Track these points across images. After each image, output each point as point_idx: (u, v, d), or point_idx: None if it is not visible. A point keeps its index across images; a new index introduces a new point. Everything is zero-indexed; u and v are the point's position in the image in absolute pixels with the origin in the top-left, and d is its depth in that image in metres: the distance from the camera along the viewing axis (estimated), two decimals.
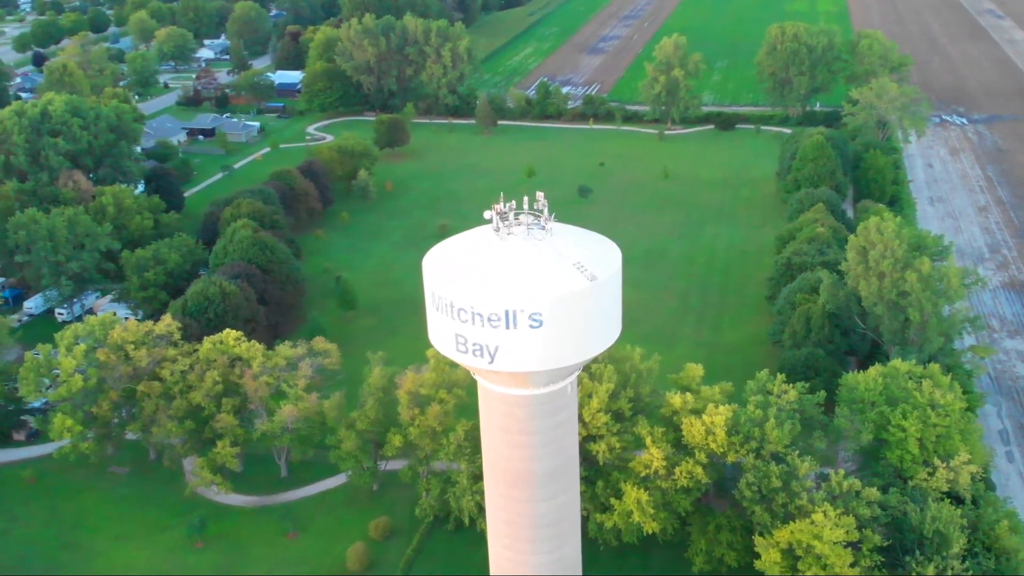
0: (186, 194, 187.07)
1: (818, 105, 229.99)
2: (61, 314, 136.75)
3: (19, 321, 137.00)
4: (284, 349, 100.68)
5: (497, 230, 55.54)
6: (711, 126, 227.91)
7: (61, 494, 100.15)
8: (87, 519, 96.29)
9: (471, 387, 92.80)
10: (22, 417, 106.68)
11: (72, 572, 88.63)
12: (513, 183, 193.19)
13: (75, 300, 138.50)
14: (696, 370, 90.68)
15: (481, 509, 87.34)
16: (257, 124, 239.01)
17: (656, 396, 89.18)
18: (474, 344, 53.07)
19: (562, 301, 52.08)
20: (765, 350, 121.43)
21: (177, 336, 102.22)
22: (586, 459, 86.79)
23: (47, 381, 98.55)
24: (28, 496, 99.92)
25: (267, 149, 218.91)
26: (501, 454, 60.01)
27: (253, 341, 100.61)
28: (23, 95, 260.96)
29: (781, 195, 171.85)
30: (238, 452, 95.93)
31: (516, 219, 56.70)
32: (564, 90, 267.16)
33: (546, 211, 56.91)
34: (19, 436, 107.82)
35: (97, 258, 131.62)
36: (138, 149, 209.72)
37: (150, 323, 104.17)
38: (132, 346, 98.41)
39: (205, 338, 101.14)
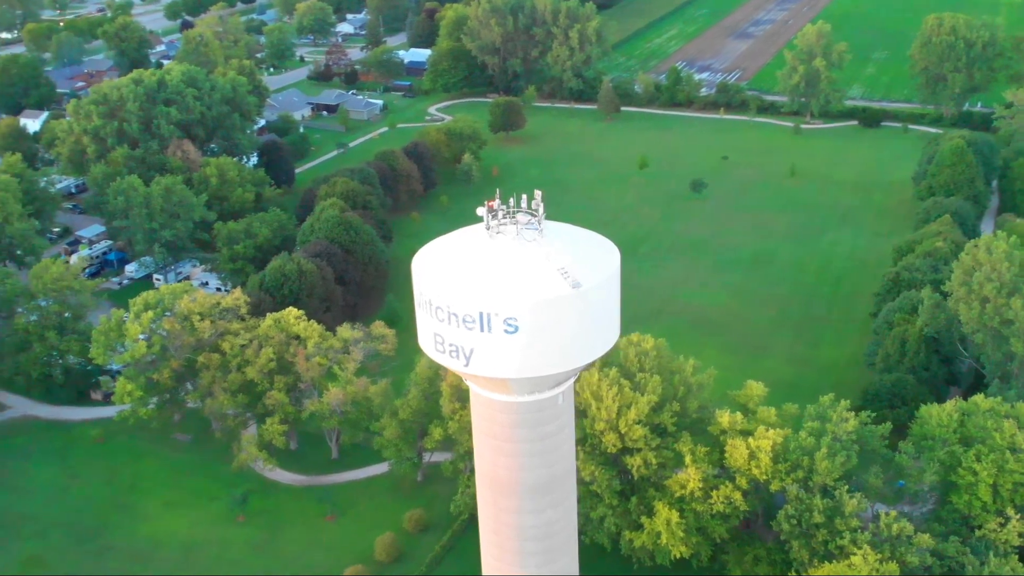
0: (300, 169, 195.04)
1: (979, 105, 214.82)
2: (159, 280, 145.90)
3: (119, 284, 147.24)
4: (343, 331, 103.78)
5: (488, 228, 55.21)
6: (854, 122, 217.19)
7: (123, 456, 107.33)
8: (142, 482, 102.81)
9: None
10: (100, 378, 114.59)
11: (119, 533, 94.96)
12: (624, 173, 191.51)
13: (172, 267, 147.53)
14: (756, 388, 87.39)
15: None
16: (380, 102, 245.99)
17: (705, 412, 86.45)
18: (451, 345, 53.19)
19: (540, 307, 51.34)
20: (860, 372, 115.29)
21: (244, 310, 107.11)
22: (622, 473, 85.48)
23: (119, 345, 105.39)
24: (94, 455, 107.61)
25: (385, 128, 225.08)
26: (488, 460, 59.95)
27: (312, 321, 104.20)
28: (165, 63, 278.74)
29: (915, 202, 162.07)
30: (286, 430, 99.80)
31: (513, 217, 56.08)
32: (702, 76, 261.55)
33: (541, 210, 56.07)
34: (96, 396, 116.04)
35: (191, 228, 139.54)
36: (261, 122, 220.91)
37: (219, 295, 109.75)
38: (198, 317, 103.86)
39: (268, 314, 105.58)
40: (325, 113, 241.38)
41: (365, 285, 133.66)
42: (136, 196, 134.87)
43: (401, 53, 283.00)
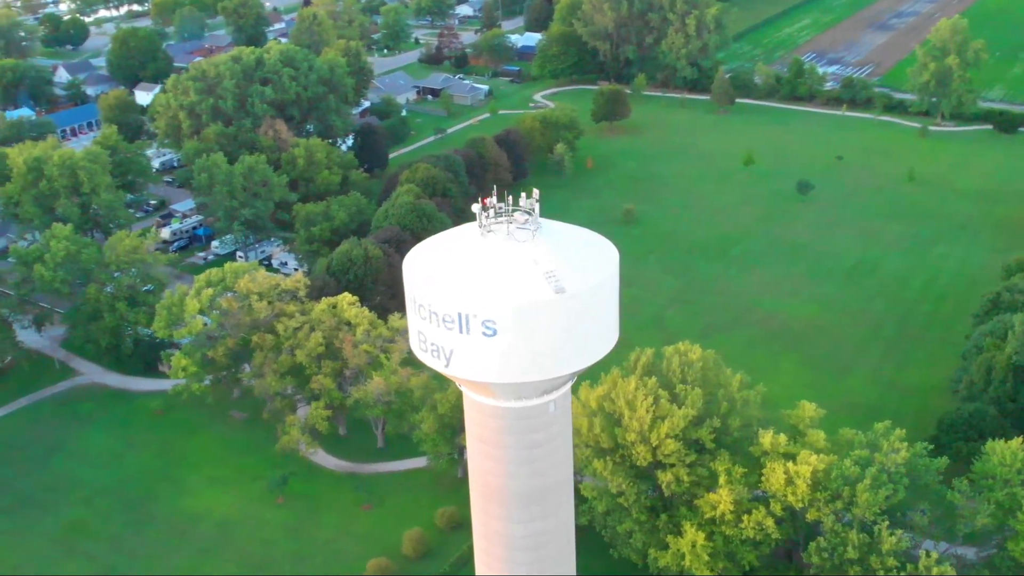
0: (396, 153, 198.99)
1: None
2: (241, 257, 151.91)
3: (204, 259, 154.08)
4: (393, 320, 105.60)
5: (480, 226, 55.13)
6: (989, 126, 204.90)
7: (179, 429, 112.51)
8: (192, 456, 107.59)
9: None
10: (164, 351, 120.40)
11: (162, 504, 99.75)
12: (728, 170, 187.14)
13: (255, 245, 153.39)
14: (808, 409, 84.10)
15: None
16: (486, 87, 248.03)
17: (748, 431, 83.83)
18: (432, 344, 53.48)
19: (520, 311, 50.95)
20: (947, 398, 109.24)
21: (303, 292, 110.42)
22: (654, 488, 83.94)
23: (181, 320, 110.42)
24: (152, 426, 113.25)
25: (486, 115, 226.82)
26: (477, 464, 60.07)
27: (364, 308, 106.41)
28: (283, 40, 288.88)
29: None
30: (330, 415, 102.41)
31: (508, 216, 55.74)
32: (830, 69, 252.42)
33: (537, 210, 55.59)
34: (163, 368, 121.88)
35: (271, 207, 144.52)
36: (365, 104, 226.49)
37: (280, 277, 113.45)
38: (256, 297, 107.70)
39: (323, 299, 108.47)
40: (430, 97, 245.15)
41: None
42: (219, 173, 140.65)
43: (513, 37, 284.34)
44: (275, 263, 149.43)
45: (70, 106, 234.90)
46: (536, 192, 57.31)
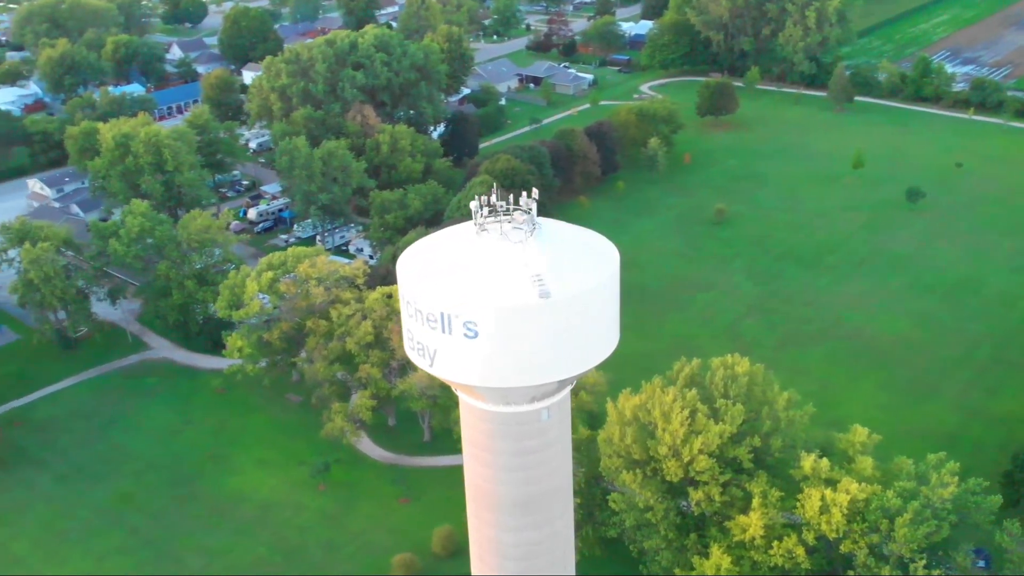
0: (490, 143, 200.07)
1: None
2: (321, 242, 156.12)
3: (286, 242, 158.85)
4: None
5: (476, 224, 55.15)
6: None
7: (236, 409, 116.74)
8: (244, 437, 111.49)
9: (603, 394, 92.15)
10: (230, 331, 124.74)
11: (208, 482, 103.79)
12: (835, 172, 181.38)
13: (335, 230, 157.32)
14: (860, 433, 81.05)
15: (578, 527, 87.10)
16: (590, 77, 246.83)
17: (790, 452, 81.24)
18: (418, 342, 53.86)
19: (501, 314, 50.73)
20: None
21: (361, 280, 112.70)
22: (686, 505, 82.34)
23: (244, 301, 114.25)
24: (211, 404, 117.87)
25: (586, 105, 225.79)
26: (471, 467, 60.12)
27: None
28: (394, 24, 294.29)
29: None
30: (374, 405, 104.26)
31: (509, 215, 55.59)
32: (964, 69, 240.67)
33: (534, 210, 55.21)
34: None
35: (348, 193, 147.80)
36: (466, 91, 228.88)
37: (342, 263, 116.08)
38: (315, 282, 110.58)
39: (378, 287, 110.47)
40: (532, 86, 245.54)
41: None
42: (299, 157, 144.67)
43: (625, 25, 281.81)
44: (351, 249, 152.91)
45: (180, 83, 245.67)
46: (535, 191, 56.96)
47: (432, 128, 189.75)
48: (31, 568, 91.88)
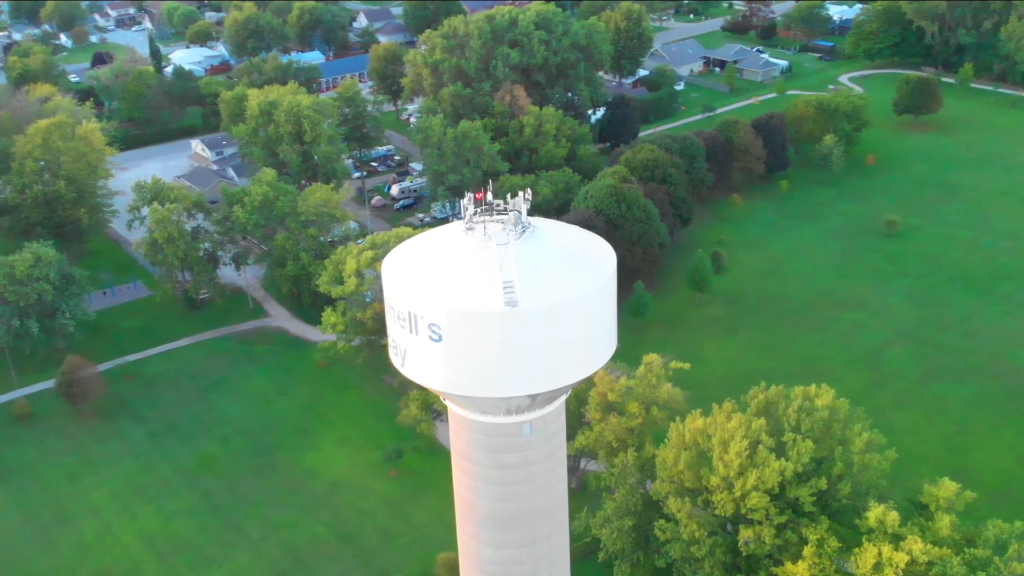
0: (653, 130, 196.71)
1: None
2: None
3: (421, 221, 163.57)
4: None
5: (465, 223, 55.28)
6: None
7: (332, 384, 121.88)
8: (332, 413, 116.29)
9: (682, 412, 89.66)
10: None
11: (286, 455, 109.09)
12: None
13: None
14: (948, 488, 75.00)
15: (624, 550, 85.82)
16: (784, 63, 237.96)
17: (860, 500, 76.20)
18: (393, 340, 54.91)
19: (463, 319, 50.83)
20: None
21: None
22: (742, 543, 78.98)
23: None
24: (310, 377, 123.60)
25: (772, 95, 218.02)
26: (455, 475, 60.67)
27: None
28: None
29: None
30: None
31: (505, 214, 55.39)
32: None
33: (523, 210, 54.69)
34: None
35: (479, 176, 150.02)
36: (643, 72, 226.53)
37: None
38: None
39: None
40: (718, 70, 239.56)
41: (626, 266, 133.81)
42: (432, 137, 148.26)
43: (834, 8, 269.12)
44: None
45: (359, 53, 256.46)
46: (528, 191, 56.27)
47: (591, 111, 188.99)
48: (103, 519, 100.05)
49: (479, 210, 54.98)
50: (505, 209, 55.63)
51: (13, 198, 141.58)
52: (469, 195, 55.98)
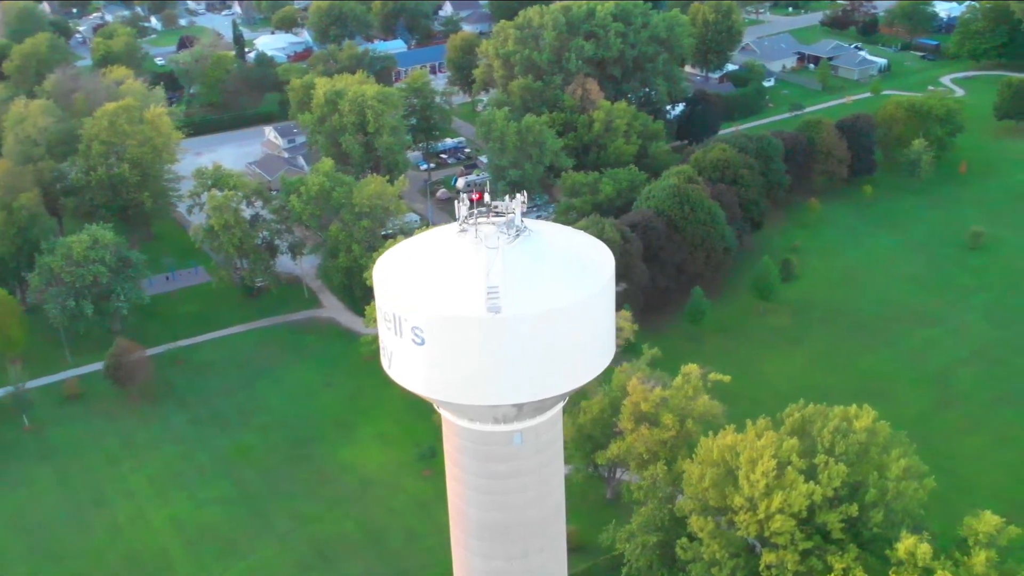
0: (738, 127, 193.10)
1: None
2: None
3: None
4: None
5: (459, 224, 55.10)
6: None
7: (376, 379, 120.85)
8: (374, 408, 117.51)
9: (713, 424, 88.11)
10: None
11: (322, 448, 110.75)
12: None
13: (535, 207, 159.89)
14: (989, 522, 72.01)
15: (648, 567, 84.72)
16: (883, 61, 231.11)
17: (893, 530, 73.56)
18: (382, 342, 55.13)
19: (444, 324, 50.72)
20: None
21: None
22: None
23: None
24: (356, 370, 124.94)
25: (866, 94, 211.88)
26: (448, 481, 60.69)
27: None
28: None
29: None
30: None
31: (501, 216, 55.10)
32: None
33: (517, 213, 54.25)
34: None
35: (540, 172, 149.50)
36: (732, 67, 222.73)
37: None
38: None
39: None
40: (812, 67, 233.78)
41: (688, 270, 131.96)
42: (495, 129, 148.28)
43: (941, 5, 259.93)
44: None
45: (441, 42, 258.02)
46: (523, 194, 55.72)
47: (669, 107, 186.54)
48: (136, 503, 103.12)
49: (474, 211, 54.72)
50: (499, 211, 55.28)
51: (79, 180, 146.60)
52: (463, 194, 55.81)
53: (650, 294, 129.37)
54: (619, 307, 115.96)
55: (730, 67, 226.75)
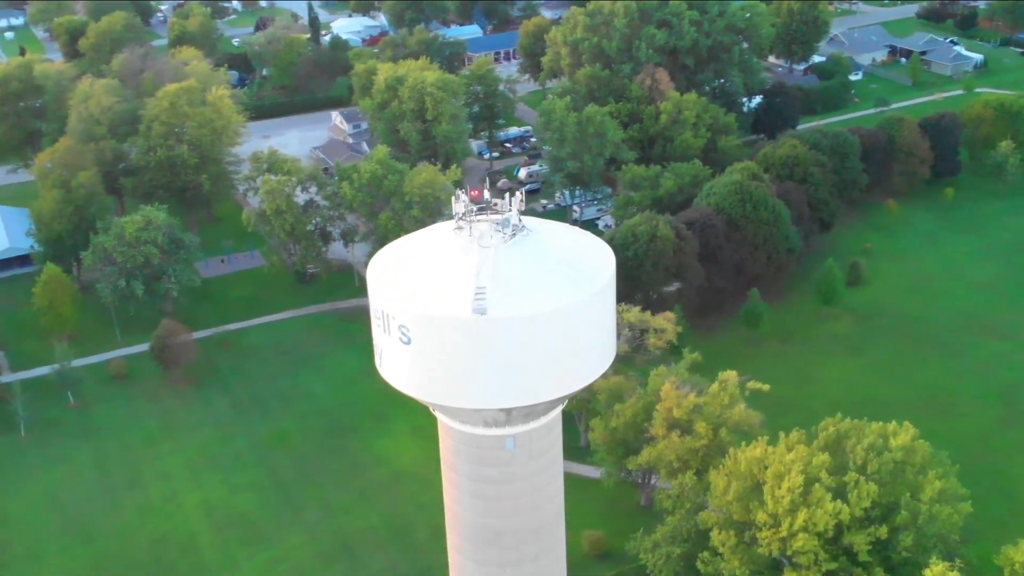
0: (819, 122, 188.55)
1: None
2: (575, 211, 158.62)
3: (543, 208, 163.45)
4: (633, 313, 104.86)
5: (456, 222, 54.82)
6: None
7: None
8: (411, 401, 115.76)
9: (749, 434, 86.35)
10: None
11: (358, 439, 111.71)
12: None
13: (592, 202, 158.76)
14: (1016, 554, 69.17)
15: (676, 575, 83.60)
16: (979, 57, 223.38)
17: (923, 556, 71.07)
18: (375, 338, 55.30)
19: (429, 323, 50.62)
20: None
21: None
22: None
23: None
24: None
25: (957, 92, 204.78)
26: (444, 483, 60.65)
27: None
28: None
29: None
30: None
31: (499, 214, 54.64)
32: None
33: (515, 212, 53.70)
34: None
35: (600, 164, 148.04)
36: (818, 59, 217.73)
37: None
38: None
39: None
40: (903, 60, 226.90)
41: (747, 271, 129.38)
42: (554, 119, 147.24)
43: None
44: (600, 225, 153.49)
45: (518, 28, 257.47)
46: (520, 193, 55.06)
47: (745, 99, 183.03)
48: (170, 486, 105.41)
49: (471, 209, 54.26)
50: (501, 210, 54.71)
51: (139, 160, 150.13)
52: (459, 192, 55.45)
53: (706, 294, 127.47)
54: (671, 307, 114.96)
55: (817, 59, 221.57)
